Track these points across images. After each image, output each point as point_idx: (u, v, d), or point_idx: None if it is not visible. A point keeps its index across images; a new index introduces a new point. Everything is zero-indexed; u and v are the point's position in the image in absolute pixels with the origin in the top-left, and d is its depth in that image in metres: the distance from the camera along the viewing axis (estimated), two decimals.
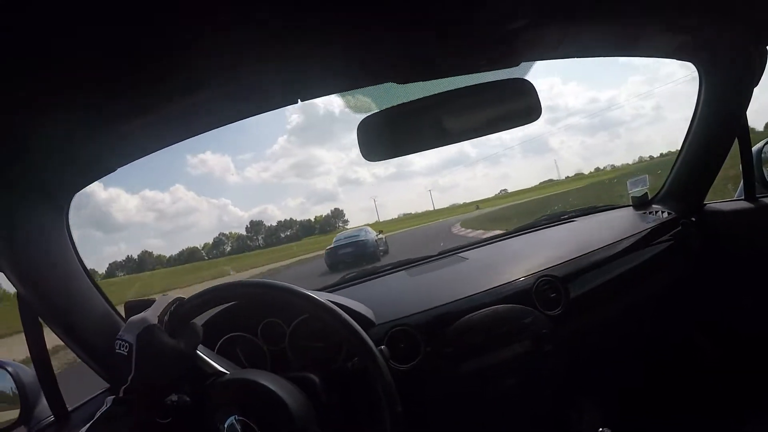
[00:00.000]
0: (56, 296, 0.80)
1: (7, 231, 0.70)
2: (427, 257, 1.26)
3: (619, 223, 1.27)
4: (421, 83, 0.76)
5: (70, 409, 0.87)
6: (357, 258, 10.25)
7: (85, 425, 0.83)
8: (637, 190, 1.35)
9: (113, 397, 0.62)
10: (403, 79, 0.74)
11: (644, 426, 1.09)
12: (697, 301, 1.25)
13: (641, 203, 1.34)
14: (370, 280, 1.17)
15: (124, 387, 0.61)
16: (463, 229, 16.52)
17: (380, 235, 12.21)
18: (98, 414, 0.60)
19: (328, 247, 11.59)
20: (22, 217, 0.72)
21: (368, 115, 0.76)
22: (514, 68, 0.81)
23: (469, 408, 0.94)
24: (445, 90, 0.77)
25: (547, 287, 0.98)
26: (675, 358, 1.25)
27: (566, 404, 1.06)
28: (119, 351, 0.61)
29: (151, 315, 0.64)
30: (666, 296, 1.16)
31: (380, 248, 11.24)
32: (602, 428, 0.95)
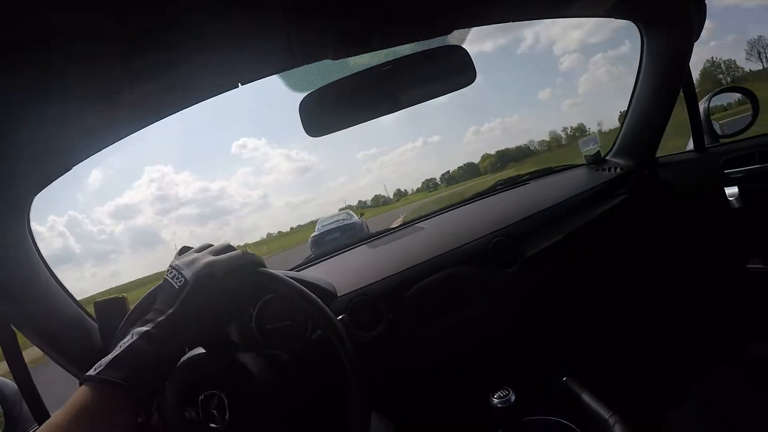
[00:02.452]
0: (24, 300, 0.80)
1: None
2: (386, 230, 1.29)
3: (574, 182, 1.30)
4: (359, 57, 0.79)
5: (52, 414, 0.88)
6: (346, 242, 10.11)
7: None
8: (589, 149, 1.39)
9: (144, 330, 0.50)
10: (338, 55, 0.76)
11: (606, 373, 1.12)
12: (651, 250, 1.29)
13: (595, 161, 1.38)
14: (332, 257, 1.19)
15: (159, 319, 0.51)
16: None
17: (362, 218, 11.95)
18: (123, 345, 0.50)
19: (313, 235, 11.01)
20: None
21: (308, 92, 0.78)
22: (448, 36, 0.84)
23: (433, 369, 0.97)
24: (383, 61, 0.80)
25: (503, 247, 1.01)
26: (632, 305, 1.29)
27: (529, 358, 1.08)
28: (171, 281, 0.54)
29: (218, 264, 0.55)
30: (622, 248, 1.20)
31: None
32: (566, 377, 0.98)
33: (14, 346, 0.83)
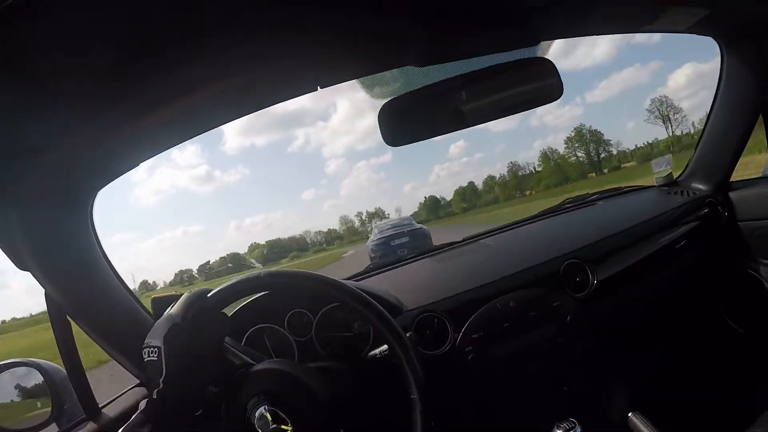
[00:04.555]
0: (83, 294, 0.81)
1: (32, 232, 0.71)
2: (450, 244, 1.25)
3: (645, 204, 1.25)
4: (441, 66, 0.75)
5: (101, 405, 0.87)
6: (414, 250, 8.96)
7: (116, 422, 0.84)
8: (661, 170, 1.33)
9: (146, 400, 0.61)
10: (423, 62, 0.74)
11: (674, 408, 1.06)
12: (724, 281, 1.22)
13: (666, 183, 1.32)
14: (394, 268, 1.16)
15: (156, 390, 0.60)
16: None
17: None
18: (133, 418, 0.59)
19: (375, 239, 9.68)
20: (46, 217, 0.73)
21: (389, 99, 0.75)
22: (535, 47, 0.80)
23: (497, 392, 0.93)
24: (466, 71, 0.76)
25: (574, 270, 0.97)
26: (702, 338, 1.23)
27: (595, 388, 1.04)
28: (149, 358, 0.61)
29: (176, 314, 0.64)
30: (693, 276, 1.14)
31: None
32: (631, 413, 0.93)
33: (68, 335, 0.83)
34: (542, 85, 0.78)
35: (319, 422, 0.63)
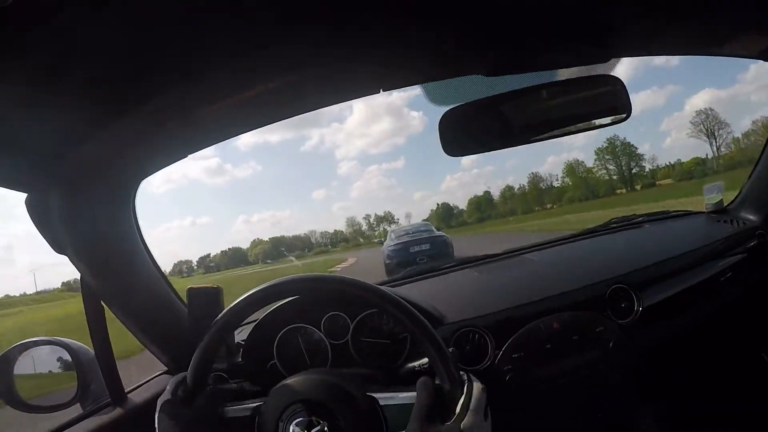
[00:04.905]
0: (120, 281, 0.81)
1: (73, 218, 0.71)
2: (492, 255, 1.23)
3: (693, 231, 1.22)
4: (505, 77, 0.73)
5: (126, 391, 0.87)
6: (434, 259, 7.38)
7: (140, 409, 0.84)
8: (712, 197, 1.29)
9: None
10: (490, 71, 0.71)
11: None
12: (765, 317, 1.18)
13: (715, 210, 1.28)
14: (433, 276, 1.15)
15: None
16: None
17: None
18: None
19: (393, 244, 8.70)
20: (88, 205, 0.73)
21: (451, 107, 0.72)
22: (603, 64, 0.76)
23: (533, 413, 0.92)
24: (532, 85, 0.73)
25: (620, 295, 0.95)
26: (739, 373, 1.19)
27: (635, 413, 1.02)
28: None
29: (167, 391, 0.69)
30: (736, 309, 1.11)
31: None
32: None
33: (101, 319, 0.83)
34: (610, 105, 0.75)
35: (361, 429, 0.62)
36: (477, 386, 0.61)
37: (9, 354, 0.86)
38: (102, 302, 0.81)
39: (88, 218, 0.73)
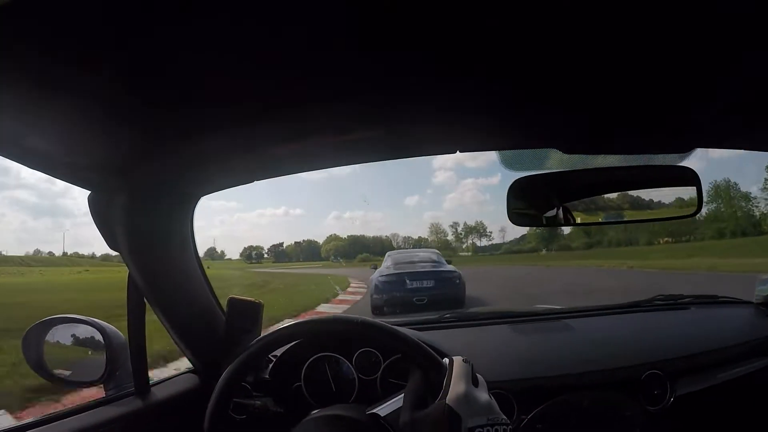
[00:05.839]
0: (166, 282, 0.83)
1: (133, 220, 0.73)
2: (531, 314, 1.23)
3: (740, 323, 1.19)
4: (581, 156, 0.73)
5: (151, 383, 0.89)
6: (437, 302, 5.75)
7: (162, 404, 0.86)
8: (764, 288, 1.25)
9: None
10: (568, 148, 0.71)
11: None
12: None
13: (765, 302, 1.24)
14: (468, 326, 1.15)
15: None
16: None
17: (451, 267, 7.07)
18: None
19: (386, 272, 6.48)
20: (149, 209, 0.75)
21: (523, 176, 0.73)
22: (680, 154, 0.76)
23: None
24: (606, 166, 0.73)
25: (654, 381, 0.93)
26: None
27: None
28: None
29: None
30: None
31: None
32: None
33: (141, 314, 0.85)
34: (680, 197, 0.74)
35: None
36: (457, 359, 0.61)
37: (43, 325, 0.88)
38: (144, 299, 0.84)
39: (148, 224, 0.76)
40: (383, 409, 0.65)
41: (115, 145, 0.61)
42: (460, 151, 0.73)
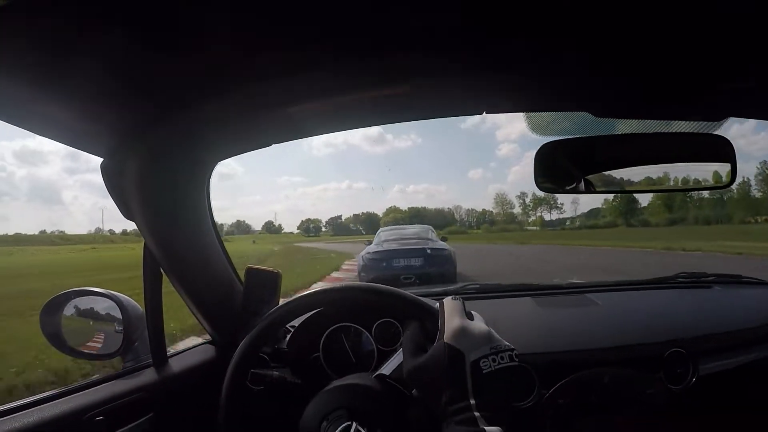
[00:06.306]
0: (183, 252, 0.82)
1: (147, 187, 0.72)
2: (555, 287, 1.21)
3: (765, 304, 1.15)
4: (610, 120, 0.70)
5: (169, 355, 0.89)
6: (425, 281, 5.59)
7: (179, 375, 0.86)
8: None
9: None
10: (600, 112, 0.68)
11: None
12: None
13: None
14: (491, 297, 1.13)
15: None
16: None
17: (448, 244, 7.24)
18: None
19: (374, 249, 6.60)
20: (165, 177, 0.74)
21: (551, 140, 0.70)
22: (715, 122, 0.73)
23: None
24: (636, 132, 0.71)
25: (676, 359, 0.91)
26: None
27: None
28: None
29: None
30: None
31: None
32: None
33: (157, 285, 0.85)
34: (715, 166, 0.72)
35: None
36: (447, 299, 0.60)
37: (62, 298, 0.89)
38: (161, 269, 0.83)
39: (162, 192, 0.74)
40: (386, 368, 0.66)
41: (126, 110, 0.60)
42: (486, 112, 0.71)
